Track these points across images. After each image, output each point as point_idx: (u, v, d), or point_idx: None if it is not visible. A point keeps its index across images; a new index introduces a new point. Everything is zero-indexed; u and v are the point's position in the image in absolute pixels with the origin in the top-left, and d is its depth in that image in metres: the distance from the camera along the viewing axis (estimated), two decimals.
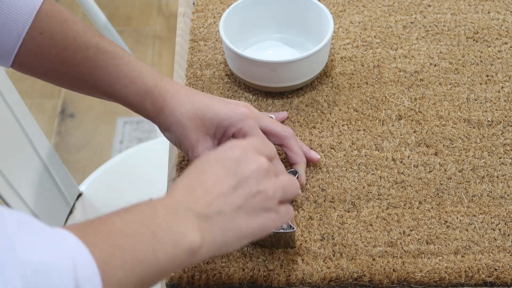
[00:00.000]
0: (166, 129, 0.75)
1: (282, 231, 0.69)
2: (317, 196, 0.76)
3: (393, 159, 0.79)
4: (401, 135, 0.82)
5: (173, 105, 0.73)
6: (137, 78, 0.73)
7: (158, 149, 1.29)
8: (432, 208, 0.75)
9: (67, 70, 0.73)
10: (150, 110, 0.74)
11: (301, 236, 0.73)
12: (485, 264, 0.70)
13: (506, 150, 0.80)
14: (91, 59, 0.72)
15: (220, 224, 0.57)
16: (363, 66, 0.90)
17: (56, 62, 0.73)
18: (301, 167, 0.76)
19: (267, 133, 0.75)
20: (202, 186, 0.58)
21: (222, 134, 0.73)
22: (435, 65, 0.90)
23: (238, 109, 0.73)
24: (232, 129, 0.73)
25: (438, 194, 0.76)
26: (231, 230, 0.58)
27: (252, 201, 0.59)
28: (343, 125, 0.83)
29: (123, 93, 0.74)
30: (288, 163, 0.78)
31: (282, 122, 0.84)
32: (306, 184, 0.77)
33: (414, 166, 0.79)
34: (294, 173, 0.75)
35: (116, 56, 0.73)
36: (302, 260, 0.71)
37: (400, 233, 0.73)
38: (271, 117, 0.79)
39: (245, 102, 0.75)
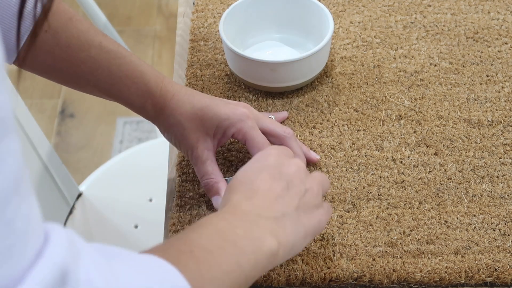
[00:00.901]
0: (165, 130, 0.75)
1: None
2: None
3: (393, 159, 0.79)
4: (401, 135, 0.82)
5: (173, 106, 0.73)
6: (138, 78, 0.73)
7: (158, 149, 1.29)
8: (432, 208, 0.75)
9: (69, 68, 0.73)
10: (150, 110, 0.74)
11: None
12: (485, 264, 0.70)
13: (506, 150, 0.80)
14: (94, 58, 0.72)
15: (289, 225, 0.58)
16: (363, 66, 0.90)
17: (59, 60, 0.73)
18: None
19: (267, 134, 0.75)
20: (258, 194, 0.59)
21: (221, 134, 0.73)
22: (435, 65, 0.90)
23: (238, 110, 0.73)
24: (231, 130, 0.73)
25: (438, 194, 0.76)
26: (299, 230, 0.59)
27: (305, 199, 0.61)
28: (343, 125, 0.83)
29: (124, 93, 0.74)
30: None
31: (282, 122, 0.84)
32: None
33: (414, 166, 0.79)
34: None
35: (119, 56, 0.73)
36: (302, 260, 0.71)
37: (400, 233, 0.73)
38: (270, 117, 0.79)
39: (244, 103, 0.75)
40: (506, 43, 0.92)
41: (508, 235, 0.72)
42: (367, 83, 0.88)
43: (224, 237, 0.54)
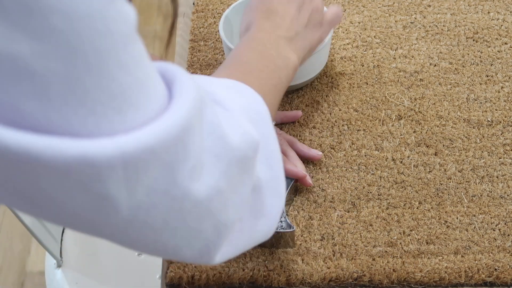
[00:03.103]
0: None
1: (282, 230, 0.69)
2: (317, 196, 0.76)
3: (393, 159, 0.80)
4: (401, 135, 0.82)
5: None
6: None
7: None
8: (432, 208, 0.75)
9: None
10: None
11: (301, 236, 0.73)
12: (485, 264, 0.70)
13: (506, 150, 0.80)
14: None
15: (301, 42, 0.70)
16: (363, 66, 0.90)
17: None
18: (299, 176, 0.75)
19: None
20: (276, 15, 0.69)
21: None
22: (435, 65, 0.90)
23: None
24: None
25: (438, 194, 0.76)
26: (307, 45, 0.71)
27: (312, 17, 0.72)
28: (343, 125, 0.83)
29: None
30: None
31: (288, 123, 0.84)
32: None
33: (414, 166, 0.79)
34: (291, 179, 0.75)
35: None
36: (302, 260, 0.71)
37: (400, 233, 0.73)
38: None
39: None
40: (506, 43, 0.92)
41: (508, 235, 0.72)
42: (367, 83, 0.88)
43: (267, 58, 0.66)
